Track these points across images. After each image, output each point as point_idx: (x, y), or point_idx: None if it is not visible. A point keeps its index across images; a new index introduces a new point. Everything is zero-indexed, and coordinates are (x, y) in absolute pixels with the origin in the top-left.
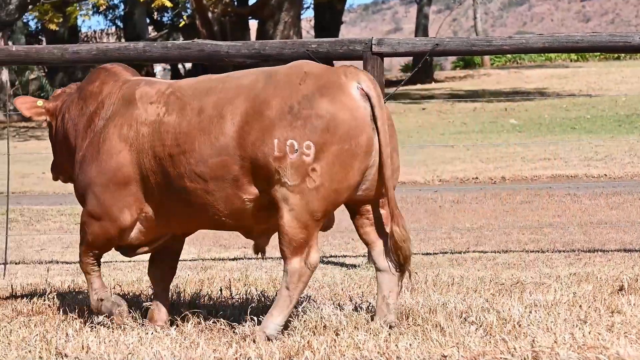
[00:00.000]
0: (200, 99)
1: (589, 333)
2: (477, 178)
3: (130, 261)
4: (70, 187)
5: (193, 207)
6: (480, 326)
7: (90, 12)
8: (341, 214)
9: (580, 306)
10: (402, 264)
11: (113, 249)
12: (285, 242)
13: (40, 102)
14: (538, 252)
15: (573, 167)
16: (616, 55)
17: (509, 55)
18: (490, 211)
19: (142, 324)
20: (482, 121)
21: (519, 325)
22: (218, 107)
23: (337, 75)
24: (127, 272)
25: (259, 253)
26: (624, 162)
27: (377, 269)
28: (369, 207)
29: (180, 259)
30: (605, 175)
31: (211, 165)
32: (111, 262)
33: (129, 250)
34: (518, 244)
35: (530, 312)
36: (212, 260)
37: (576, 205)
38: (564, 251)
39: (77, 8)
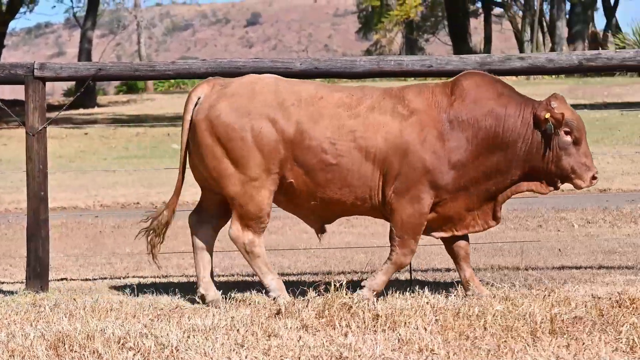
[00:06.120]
0: None
1: (246, 357)
2: (138, 203)
3: None
4: None
5: None
6: (139, 352)
7: None
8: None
9: (237, 330)
10: None
11: None
12: None
13: None
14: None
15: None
16: None
17: (172, 80)
18: None
19: None
20: (144, 146)
21: (177, 350)
22: None
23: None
24: None
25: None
26: None
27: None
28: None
29: None
30: None
31: None
32: None
33: None
34: (178, 269)
35: (189, 337)
36: None
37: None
38: (223, 275)
39: None
